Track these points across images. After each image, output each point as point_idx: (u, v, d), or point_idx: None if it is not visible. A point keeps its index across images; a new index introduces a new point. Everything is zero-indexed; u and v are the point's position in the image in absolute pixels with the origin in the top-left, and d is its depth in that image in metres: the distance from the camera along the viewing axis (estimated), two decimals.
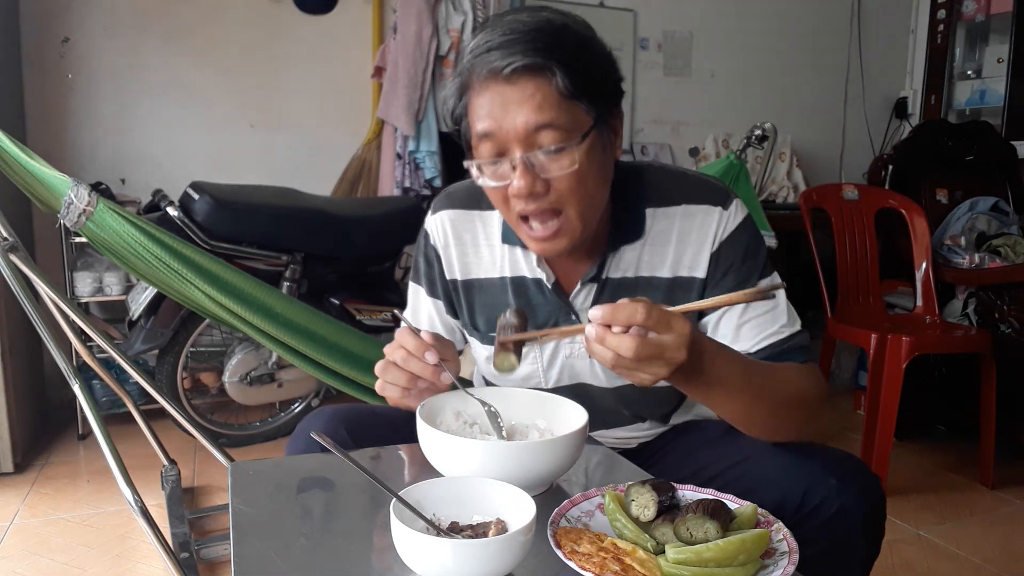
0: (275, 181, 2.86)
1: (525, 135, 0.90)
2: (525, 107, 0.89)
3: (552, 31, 0.90)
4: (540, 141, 0.90)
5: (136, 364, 1.95)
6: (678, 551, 0.69)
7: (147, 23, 2.95)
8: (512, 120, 0.89)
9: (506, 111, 0.89)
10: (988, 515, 2.25)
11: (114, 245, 1.74)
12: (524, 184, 0.91)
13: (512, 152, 0.91)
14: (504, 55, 0.88)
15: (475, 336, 1.15)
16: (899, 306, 2.86)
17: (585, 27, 0.94)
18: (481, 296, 1.12)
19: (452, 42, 3.02)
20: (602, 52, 0.94)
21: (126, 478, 1.52)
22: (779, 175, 3.85)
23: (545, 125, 0.89)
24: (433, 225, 1.15)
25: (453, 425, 0.94)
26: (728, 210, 1.03)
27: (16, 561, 1.85)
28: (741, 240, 1.03)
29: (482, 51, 0.90)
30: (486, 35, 0.91)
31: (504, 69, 0.88)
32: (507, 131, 0.90)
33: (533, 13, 0.92)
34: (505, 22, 0.91)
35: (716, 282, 1.04)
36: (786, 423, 0.97)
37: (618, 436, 1.18)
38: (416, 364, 0.92)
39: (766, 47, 4.00)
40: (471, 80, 0.92)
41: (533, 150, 0.90)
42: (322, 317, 1.97)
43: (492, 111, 0.90)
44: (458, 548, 0.65)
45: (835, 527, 0.91)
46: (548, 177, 0.91)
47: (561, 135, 0.90)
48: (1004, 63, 3.80)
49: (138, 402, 2.11)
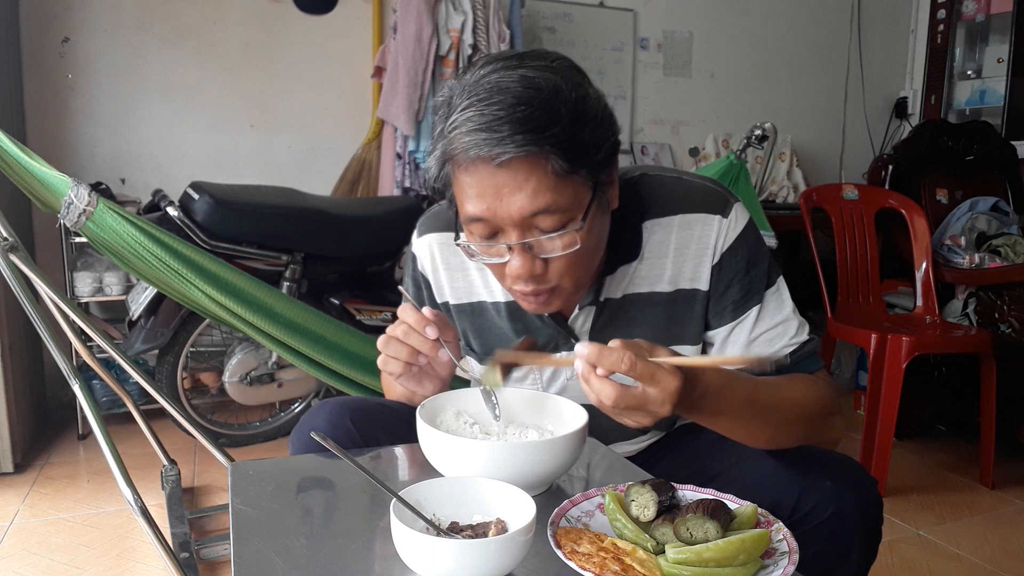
0: (275, 181, 2.87)
1: (521, 221, 0.84)
2: (519, 195, 0.82)
3: (542, 103, 0.81)
4: (538, 224, 0.85)
5: (136, 364, 1.95)
6: (678, 551, 0.69)
7: (147, 23, 2.95)
8: (507, 207, 0.83)
9: (499, 197, 0.83)
10: (988, 515, 2.25)
11: (114, 245, 1.74)
12: (524, 269, 0.87)
13: (508, 234, 0.86)
14: (493, 142, 0.80)
15: (473, 356, 1.14)
16: (899, 306, 2.86)
17: (577, 84, 0.85)
18: (475, 320, 1.10)
19: (452, 42, 3.02)
20: (597, 112, 0.86)
21: (126, 478, 1.52)
22: (779, 175, 3.85)
23: (542, 210, 0.83)
24: (420, 249, 1.11)
25: (453, 425, 0.94)
26: (728, 218, 0.99)
27: (16, 561, 1.85)
28: (743, 249, 0.99)
29: (466, 130, 0.81)
30: (468, 106, 0.81)
31: (495, 160, 0.81)
32: (502, 217, 0.84)
33: (520, 72, 0.82)
34: (489, 89, 0.81)
35: (720, 294, 1.01)
36: (793, 437, 0.96)
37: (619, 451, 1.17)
38: (416, 338, 0.92)
39: (766, 47, 4.00)
40: (455, 156, 0.84)
41: (530, 232, 0.85)
42: (322, 317, 1.97)
43: (483, 195, 0.83)
44: (458, 548, 0.65)
45: (830, 530, 0.90)
46: (547, 258, 0.88)
47: (560, 217, 0.84)
48: (1004, 63, 3.81)
49: (138, 402, 2.11)
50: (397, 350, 0.93)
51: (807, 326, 1.03)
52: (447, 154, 0.85)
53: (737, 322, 1.01)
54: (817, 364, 1.01)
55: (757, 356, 0.84)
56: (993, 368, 2.37)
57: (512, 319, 1.07)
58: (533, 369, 1.10)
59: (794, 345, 1.00)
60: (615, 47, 3.68)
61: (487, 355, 1.10)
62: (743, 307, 1.00)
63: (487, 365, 0.90)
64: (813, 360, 1.01)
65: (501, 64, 0.85)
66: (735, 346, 1.01)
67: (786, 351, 1.00)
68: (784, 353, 0.99)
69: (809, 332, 1.03)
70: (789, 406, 0.93)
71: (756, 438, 0.93)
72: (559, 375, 1.10)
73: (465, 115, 0.82)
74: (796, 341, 1.01)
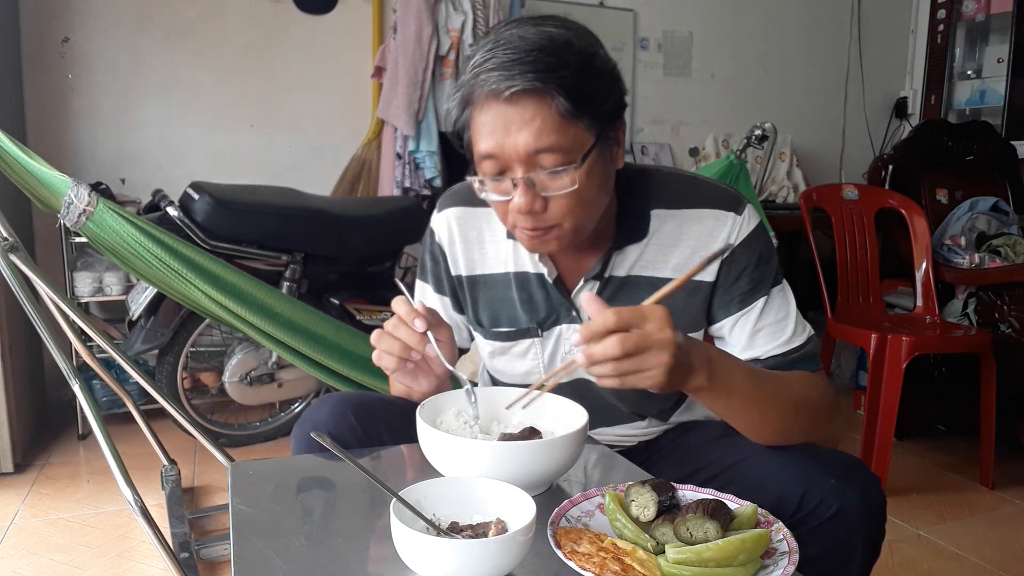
0: (275, 181, 2.87)
1: (526, 156, 0.90)
2: (525, 131, 0.89)
3: (554, 50, 0.89)
4: (541, 162, 0.91)
5: (136, 364, 1.95)
6: (678, 551, 0.69)
7: (147, 23, 2.95)
8: (513, 142, 0.90)
9: (507, 132, 0.90)
10: (988, 515, 2.25)
11: (114, 245, 1.74)
12: (525, 203, 0.92)
13: (514, 171, 0.92)
14: (505, 76, 0.88)
15: (479, 331, 1.17)
16: (899, 306, 2.86)
17: (589, 43, 0.93)
18: (485, 291, 1.14)
19: (452, 42, 3.02)
20: (605, 68, 0.94)
21: (126, 478, 1.52)
22: (779, 175, 3.85)
23: (545, 149, 0.90)
24: (439, 223, 1.16)
25: (453, 425, 0.94)
26: (741, 216, 1.03)
27: (16, 561, 1.85)
28: (755, 246, 1.04)
29: (484, 69, 0.90)
30: (488, 52, 0.90)
31: (505, 92, 0.88)
32: (509, 152, 0.91)
33: (537, 28, 0.91)
34: (507, 38, 0.90)
35: (728, 286, 1.04)
36: (795, 431, 0.98)
37: (618, 434, 1.18)
38: (404, 331, 0.94)
39: (766, 47, 4.00)
40: (473, 96, 0.92)
41: (534, 170, 0.91)
42: (322, 317, 1.97)
43: (494, 131, 0.91)
44: (458, 548, 0.65)
45: (834, 528, 0.91)
46: (547, 195, 0.93)
47: (561, 157, 0.90)
48: (1004, 63, 3.81)
49: (138, 402, 2.11)
50: (389, 344, 0.95)
51: (810, 328, 1.06)
52: (466, 95, 0.93)
53: (743, 312, 1.04)
54: (816, 365, 1.03)
55: (710, 254, 0.89)
56: (993, 368, 2.37)
57: (520, 289, 1.10)
58: (534, 344, 1.12)
59: (795, 343, 1.03)
60: (615, 47, 3.68)
61: (493, 328, 1.14)
62: (750, 298, 1.03)
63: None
64: (813, 361, 1.03)
65: (523, 21, 0.95)
66: (739, 336, 1.04)
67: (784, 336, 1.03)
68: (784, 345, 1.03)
69: (811, 334, 1.05)
70: (793, 397, 0.96)
71: (762, 425, 0.95)
72: (559, 349, 1.12)
73: (485, 57, 0.90)
74: (797, 340, 1.03)
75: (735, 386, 0.90)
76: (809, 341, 1.04)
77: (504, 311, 1.12)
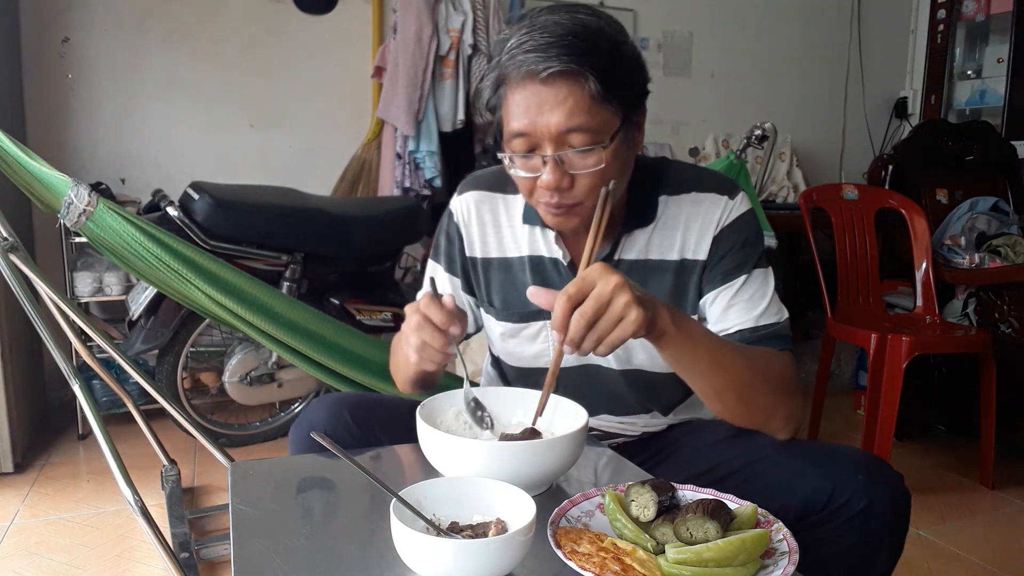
0: (275, 181, 2.86)
1: (557, 135, 0.95)
2: (558, 110, 0.94)
3: (587, 36, 0.94)
4: (570, 141, 0.95)
5: (136, 364, 1.95)
6: (678, 551, 0.69)
7: (147, 23, 2.95)
8: (546, 121, 0.94)
9: (540, 112, 0.94)
10: (988, 515, 2.25)
11: (114, 245, 1.74)
12: (553, 179, 0.97)
13: (544, 149, 0.97)
14: (542, 58, 0.93)
15: (491, 312, 1.19)
16: (899, 306, 2.86)
17: (619, 31, 0.98)
18: (499, 274, 1.17)
19: (452, 42, 3.02)
20: (633, 56, 0.99)
21: (126, 478, 1.52)
22: (779, 175, 3.85)
23: (576, 128, 0.94)
24: (458, 204, 1.20)
25: (453, 425, 0.94)
26: (734, 200, 1.09)
27: (16, 561, 1.85)
28: (742, 228, 1.08)
29: (521, 51, 0.94)
30: (524, 35, 0.95)
31: (542, 72, 0.93)
32: (540, 130, 0.95)
33: (571, 15, 0.96)
34: (543, 23, 0.95)
35: (714, 264, 1.09)
36: (758, 400, 1.00)
37: (623, 422, 1.18)
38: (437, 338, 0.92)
39: (766, 47, 4.00)
40: (508, 76, 0.97)
41: (563, 149, 0.96)
42: (322, 317, 1.97)
43: (528, 110, 0.95)
44: (458, 548, 0.65)
45: (863, 523, 0.92)
46: (574, 173, 0.97)
47: (590, 137, 0.95)
48: (1004, 63, 3.81)
49: (138, 402, 2.11)
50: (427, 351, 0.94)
51: (785, 313, 1.09)
52: (501, 75, 0.98)
53: (724, 287, 1.08)
54: (784, 346, 1.06)
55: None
56: (993, 368, 2.37)
57: (534, 273, 1.14)
58: (545, 326, 1.14)
59: (764, 320, 1.06)
60: None
61: (505, 310, 1.17)
62: (732, 275, 1.08)
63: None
64: (781, 341, 1.06)
65: (555, 8, 0.98)
66: (715, 309, 1.08)
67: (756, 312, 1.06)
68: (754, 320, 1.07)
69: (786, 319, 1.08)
70: (756, 365, 0.99)
71: (727, 387, 0.97)
72: None
73: (521, 40, 0.95)
74: (767, 319, 1.06)
75: (698, 335, 0.94)
76: (781, 323, 1.07)
77: (517, 294, 1.15)
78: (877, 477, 0.94)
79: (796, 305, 3.77)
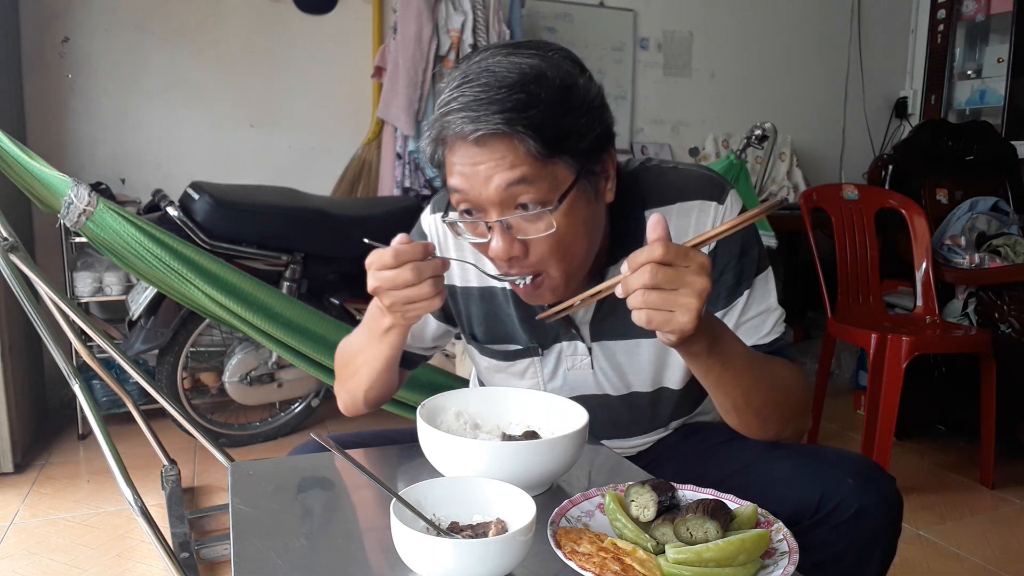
0: (275, 181, 2.86)
1: (499, 198, 0.86)
2: (496, 173, 0.85)
3: (524, 86, 0.83)
4: (517, 202, 0.86)
5: (136, 364, 1.95)
6: (678, 551, 0.69)
7: (147, 23, 2.95)
8: (483, 184, 0.85)
9: (476, 173, 0.85)
10: (988, 515, 2.25)
11: (114, 245, 1.74)
12: (502, 248, 0.88)
13: (488, 214, 0.88)
14: (470, 119, 0.83)
15: (474, 346, 1.13)
16: (899, 306, 2.86)
17: (567, 73, 0.87)
18: (480, 305, 1.09)
19: (452, 42, 3.02)
20: (585, 100, 0.87)
21: (126, 478, 1.52)
22: (779, 175, 3.85)
23: (517, 182, 0.85)
24: (430, 226, 1.10)
25: (454, 425, 0.94)
26: (724, 204, 1.00)
27: (16, 561, 1.85)
28: (736, 237, 0.99)
29: (451, 110, 0.85)
30: (455, 89, 0.86)
31: (471, 136, 0.84)
32: (479, 193, 0.86)
33: (509, 59, 0.86)
34: (475, 73, 0.85)
35: (715, 281, 1.01)
36: (776, 413, 0.97)
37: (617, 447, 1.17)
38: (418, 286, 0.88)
39: (766, 47, 4.00)
40: (443, 134, 0.87)
41: (509, 211, 0.87)
42: (322, 317, 1.97)
43: (464, 173, 0.86)
44: (458, 548, 0.65)
45: (854, 528, 0.91)
46: (526, 239, 0.88)
47: (536, 195, 0.86)
48: (1004, 63, 3.81)
49: (138, 402, 2.11)
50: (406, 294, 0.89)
51: (783, 313, 1.05)
52: (436, 135, 0.88)
53: (729, 308, 1.01)
54: (792, 354, 1.04)
55: (768, 203, 0.81)
56: (993, 368, 2.37)
57: (517, 307, 1.06)
58: (533, 363, 1.09)
59: (775, 335, 1.02)
60: (615, 47, 3.68)
61: (490, 343, 1.10)
62: (735, 292, 1.01)
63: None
64: (789, 349, 1.03)
65: (496, 50, 0.88)
66: None
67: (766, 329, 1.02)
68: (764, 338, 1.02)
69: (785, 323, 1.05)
70: (777, 381, 0.96)
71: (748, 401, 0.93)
72: (560, 367, 1.09)
73: (452, 95, 0.86)
74: (775, 333, 1.02)
75: (732, 358, 0.88)
76: (786, 332, 1.04)
77: (501, 328, 1.08)
78: (868, 481, 0.93)
79: (796, 305, 3.78)
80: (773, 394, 0.95)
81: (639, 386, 1.09)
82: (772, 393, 0.95)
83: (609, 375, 1.08)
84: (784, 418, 0.98)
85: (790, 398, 0.98)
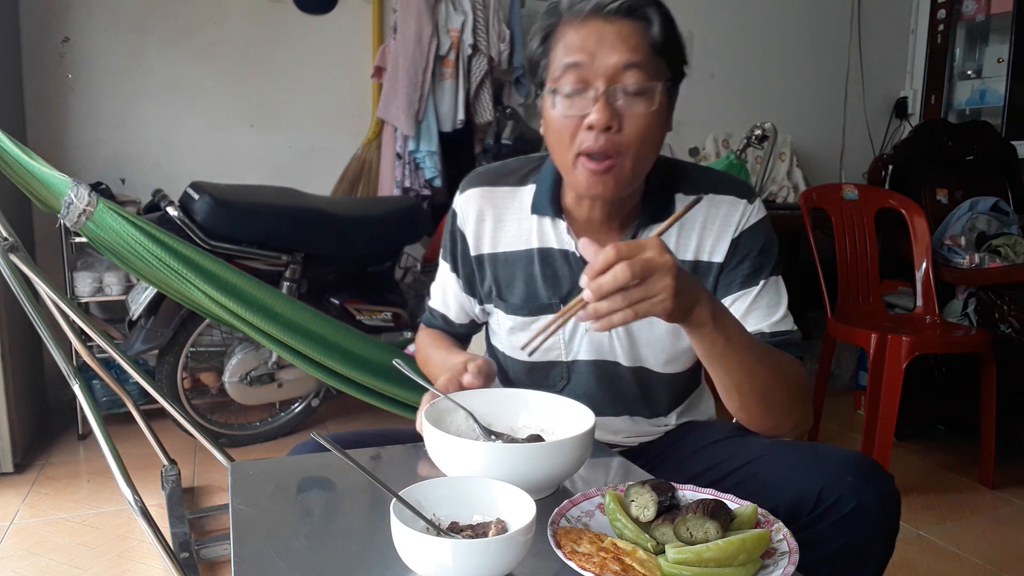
0: (275, 181, 2.86)
1: (614, 72, 0.94)
2: (620, 46, 0.94)
3: None
4: (625, 79, 0.94)
5: (136, 364, 1.95)
6: (678, 551, 0.69)
7: (147, 23, 2.95)
8: (605, 55, 0.94)
9: (601, 46, 0.94)
10: (988, 515, 2.25)
11: (114, 245, 1.74)
12: (603, 117, 0.94)
13: (596, 84, 0.95)
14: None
15: (500, 307, 1.17)
16: (899, 306, 2.86)
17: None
18: (507, 268, 1.15)
19: (452, 42, 3.02)
20: (679, 32, 1.01)
21: (126, 478, 1.52)
22: (779, 175, 3.85)
23: (634, 65, 0.94)
24: (461, 203, 1.17)
25: (463, 427, 0.93)
26: (753, 204, 1.08)
27: (16, 561, 1.85)
28: (760, 233, 1.08)
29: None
30: None
31: (608, 5, 0.94)
32: (598, 65, 0.94)
33: None
34: None
35: (732, 268, 1.08)
36: (776, 403, 0.99)
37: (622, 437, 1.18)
38: None
39: (766, 47, 4.00)
40: (568, 16, 0.96)
41: (618, 84, 0.95)
42: (322, 317, 1.97)
43: (586, 44, 0.94)
44: (458, 548, 0.65)
45: (852, 525, 0.91)
46: (623, 116, 0.95)
47: (646, 77, 0.95)
48: (1004, 63, 3.80)
49: (138, 402, 2.10)
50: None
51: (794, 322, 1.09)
52: (554, 21, 0.98)
53: (742, 293, 1.06)
54: (798, 353, 1.06)
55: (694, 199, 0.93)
56: (993, 368, 2.37)
57: (544, 265, 1.12)
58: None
59: (782, 327, 1.06)
60: None
61: (514, 305, 1.15)
62: (750, 281, 1.06)
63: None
64: (795, 348, 1.06)
65: None
66: (734, 312, 1.05)
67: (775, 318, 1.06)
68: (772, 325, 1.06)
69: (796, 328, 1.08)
70: (779, 368, 0.98)
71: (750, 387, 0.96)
72: (580, 325, 1.12)
73: None
74: (783, 326, 1.06)
75: (733, 333, 0.91)
76: (795, 331, 1.07)
77: (526, 288, 1.14)
78: (866, 478, 0.93)
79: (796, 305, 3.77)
80: (775, 377, 0.97)
81: (649, 361, 1.12)
82: (774, 376, 0.97)
83: (623, 341, 1.11)
84: (785, 406, 1.00)
85: (791, 387, 1.00)
